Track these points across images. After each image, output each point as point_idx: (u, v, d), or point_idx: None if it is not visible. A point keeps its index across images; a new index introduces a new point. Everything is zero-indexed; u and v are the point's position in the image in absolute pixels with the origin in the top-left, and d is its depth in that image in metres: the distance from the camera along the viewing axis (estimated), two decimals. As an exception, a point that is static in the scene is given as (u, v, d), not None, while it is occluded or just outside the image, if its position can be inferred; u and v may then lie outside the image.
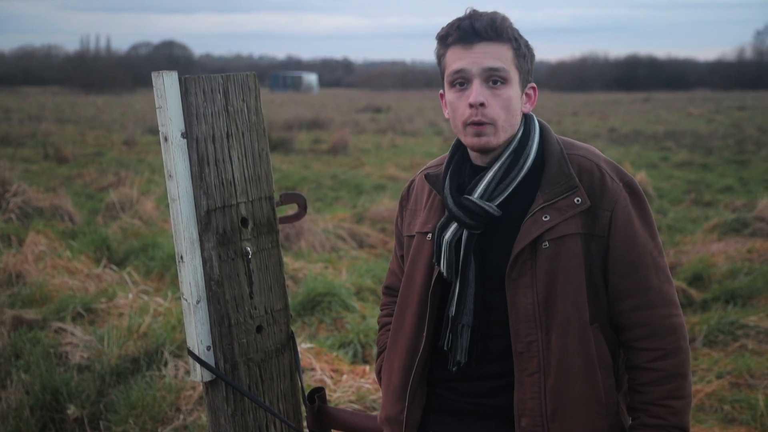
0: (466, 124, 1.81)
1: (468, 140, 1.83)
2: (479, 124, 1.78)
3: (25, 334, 5.10)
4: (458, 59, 1.80)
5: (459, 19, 1.81)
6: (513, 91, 1.81)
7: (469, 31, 1.78)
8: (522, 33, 1.84)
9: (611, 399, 1.82)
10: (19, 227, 8.18)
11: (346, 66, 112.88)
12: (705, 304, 6.36)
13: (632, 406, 1.83)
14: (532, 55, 1.86)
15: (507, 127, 1.81)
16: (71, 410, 4.15)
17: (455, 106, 1.83)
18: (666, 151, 19.20)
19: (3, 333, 5.14)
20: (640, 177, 12.55)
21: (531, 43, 1.86)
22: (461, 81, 1.81)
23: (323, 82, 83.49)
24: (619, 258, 1.80)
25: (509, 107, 1.81)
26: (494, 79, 1.78)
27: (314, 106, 40.38)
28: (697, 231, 9.27)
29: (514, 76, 1.81)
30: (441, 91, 1.92)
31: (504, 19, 1.80)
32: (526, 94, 1.87)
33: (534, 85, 1.90)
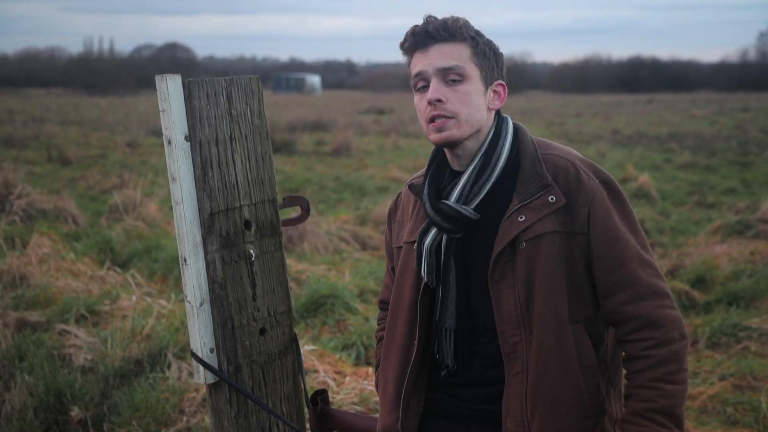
0: (428, 122, 1.85)
1: (433, 137, 1.86)
2: (440, 117, 1.82)
3: (29, 336, 5.11)
4: (417, 63, 1.86)
5: (414, 26, 1.87)
6: (472, 86, 1.84)
7: (422, 35, 1.84)
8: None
9: (595, 399, 1.80)
10: (22, 229, 8.19)
11: (349, 68, 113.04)
12: (708, 306, 6.36)
13: (626, 395, 1.81)
14: (497, 53, 1.89)
15: (471, 120, 1.84)
16: (75, 412, 4.16)
17: (419, 107, 1.88)
18: (669, 153, 19.17)
19: (7, 335, 5.15)
20: (643, 179, 12.55)
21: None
22: (423, 84, 1.86)
23: (326, 84, 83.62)
24: (602, 253, 1.80)
25: (469, 102, 1.83)
26: (452, 77, 1.82)
27: (317, 107, 40.39)
28: (700, 233, 9.27)
29: (473, 72, 1.84)
30: None
31: (456, 20, 1.84)
32: (494, 92, 1.89)
33: (502, 82, 1.91)
